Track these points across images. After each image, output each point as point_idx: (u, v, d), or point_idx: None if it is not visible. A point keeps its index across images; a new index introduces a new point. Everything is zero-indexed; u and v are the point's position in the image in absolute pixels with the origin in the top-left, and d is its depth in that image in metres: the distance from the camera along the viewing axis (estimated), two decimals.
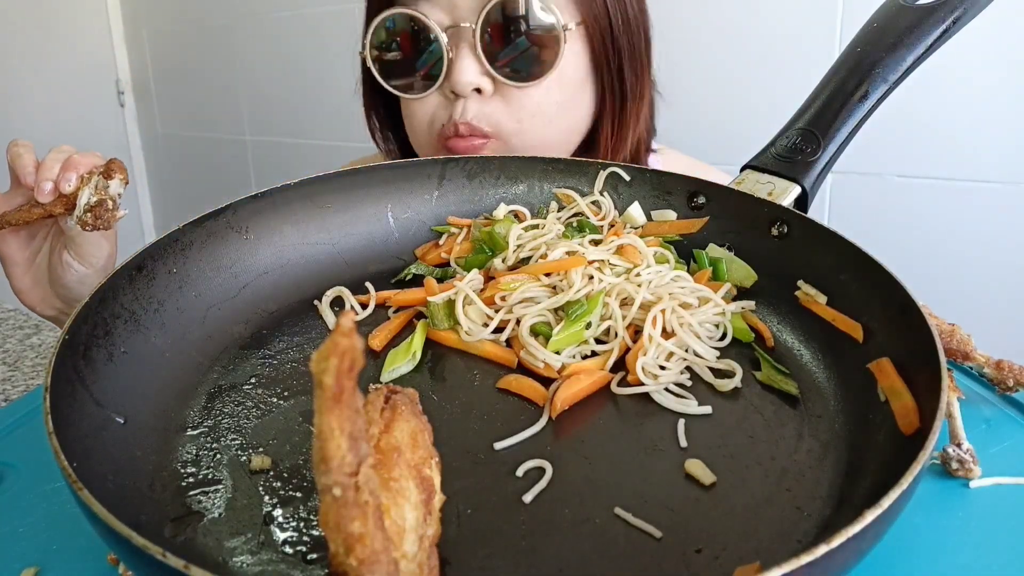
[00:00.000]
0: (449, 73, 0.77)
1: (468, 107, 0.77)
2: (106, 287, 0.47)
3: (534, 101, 0.78)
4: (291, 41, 2.15)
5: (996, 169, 1.24)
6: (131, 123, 2.79)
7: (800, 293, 0.53)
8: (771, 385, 0.48)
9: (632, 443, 0.44)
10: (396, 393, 0.39)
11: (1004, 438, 0.50)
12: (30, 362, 1.10)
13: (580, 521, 0.38)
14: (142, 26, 2.62)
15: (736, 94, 1.43)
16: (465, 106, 0.77)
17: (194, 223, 0.54)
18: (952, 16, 0.61)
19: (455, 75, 0.76)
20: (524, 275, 0.55)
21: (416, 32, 0.77)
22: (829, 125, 0.61)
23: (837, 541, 0.29)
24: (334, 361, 0.23)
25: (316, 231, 0.61)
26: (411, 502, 0.33)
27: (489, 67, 0.75)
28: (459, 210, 0.66)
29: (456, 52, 0.76)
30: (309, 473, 0.41)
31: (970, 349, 0.54)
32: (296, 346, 0.53)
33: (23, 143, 0.66)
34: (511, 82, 0.76)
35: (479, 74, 0.76)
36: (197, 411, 0.46)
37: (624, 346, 0.51)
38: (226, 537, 0.37)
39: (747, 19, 1.40)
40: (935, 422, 0.35)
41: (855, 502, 0.37)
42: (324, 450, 0.24)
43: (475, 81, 0.76)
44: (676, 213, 0.62)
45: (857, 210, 1.36)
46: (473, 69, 0.76)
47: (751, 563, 0.34)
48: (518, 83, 0.77)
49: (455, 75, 0.76)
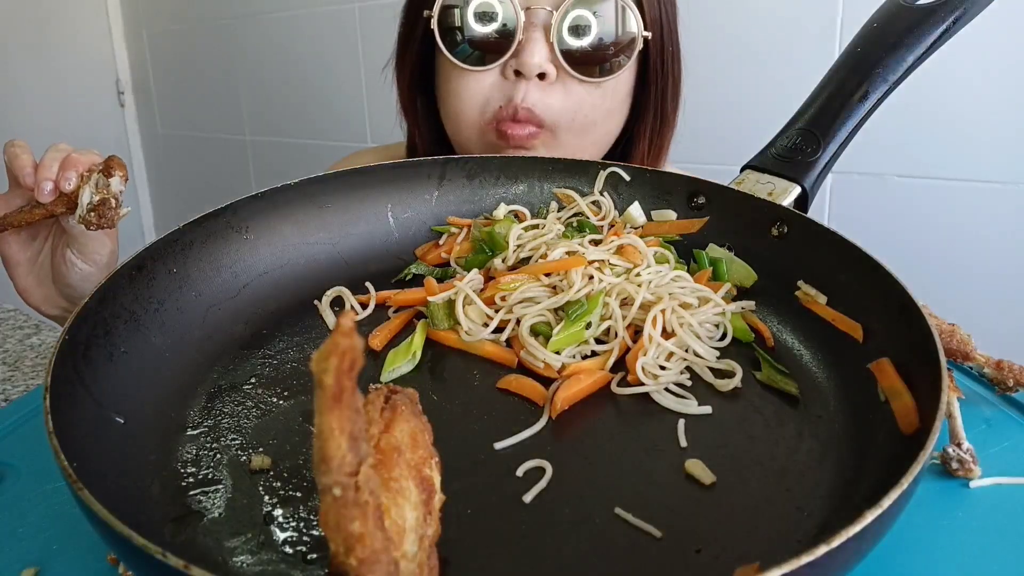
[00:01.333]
0: (518, 52, 0.75)
1: (530, 91, 0.76)
2: (106, 287, 0.47)
3: (592, 101, 0.78)
4: (291, 41, 2.15)
5: (996, 169, 1.24)
6: (131, 123, 2.79)
7: (800, 293, 0.53)
8: (771, 385, 0.48)
9: (632, 443, 0.44)
10: (396, 393, 0.39)
11: (1004, 438, 0.50)
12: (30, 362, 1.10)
13: (580, 521, 0.38)
14: (142, 26, 2.62)
15: (736, 94, 1.42)
16: (528, 89, 0.76)
17: (194, 223, 0.54)
18: (952, 16, 0.61)
19: (524, 55, 0.75)
20: (524, 275, 0.55)
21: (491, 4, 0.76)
22: (829, 125, 0.61)
23: (837, 541, 0.29)
24: (334, 361, 0.23)
25: (316, 231, 0.61)
26: (411, 502, 0.33)
27: (559, 55, 0.75)
28: (459, 210, 0.66)
29: (528, 33, 0.75)
30: (309, 473, 0.41)
31: (970, 349, 0.54)
32: (296, 346, 0.53)
33: (19, 143, 0.66)
34: (578, 75, 0.76)
35: (547, 59, 0.75)
36: (197, 411, 0.46)
37: (624, 346, 0.51)
38: (226, 537, 0.37)
39: (747, 19, 1.40)
40: (935, 422, 0.35)
41: (855, 502, 0.37)
42: (324, 450, 0.24)
43: (543, 65, 0.75)
44: (676, 213, 0.62)
45: (857, 210, 1.36)
46: (543, 52, 0.75)
47: (751, 563, 0.34)
48: (584, 78, 0.76)
49: (524, 55, 0.75)
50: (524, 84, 0.76)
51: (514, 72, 0.76)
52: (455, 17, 0.78)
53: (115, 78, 2.71)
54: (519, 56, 0.75)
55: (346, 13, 1.97)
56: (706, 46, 1.44)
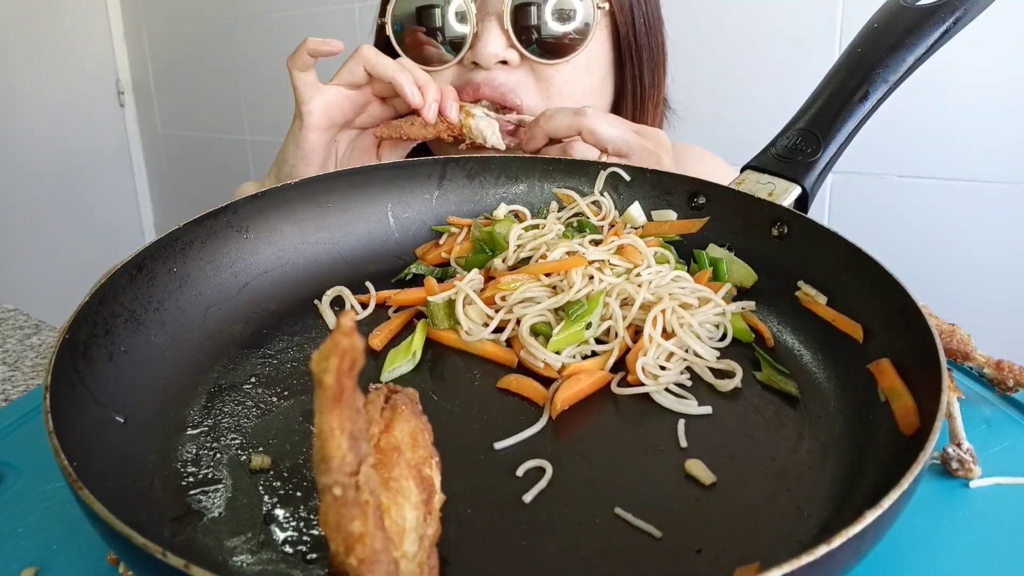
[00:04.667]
0: (473, 45, 0.76)
1: (495, 75, 0.76)
2: (106, 286, 0.47)
3: (562, 79, 0.78)
4: (291, 41, 2.14)
5: (996, 169, 1.24)
6: (131, 123, 2.79)
7: (800, 293, 0.53)
8: (771, 385, 0.48)
9: (632, 443, 0.44)
10: (396, 393, 0.39)
11: (1004, 438, 0.50)
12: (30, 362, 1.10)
13: (580, 521, 0.38)
14: (142, 26, 2.62)
15: (736, 95, 1.43)
16: (491, 75, 0.76)
17: (194, 222, 0.54)
18: (952, 17, 0.61)
19: (480, 47, 0.75)
20: (524, 275, 0.55)
21: (441, 2, 0.76)
22: (829, 125, 0.61)
23: (837, 541, 0.29)
24: (335, 360, 0.23)
25: (316, 230, 0.61)
26: (411, 502, 0.33)
27: (516, 41, 0.75)
28: (459, 210, 0.66)
29: (482, 24, 0.75)
30: (309, 472, 0.41)
31: (970, 349, 0.54)
32: (296, 345, 0.53)
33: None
34: (537, 58, 0.76)
35: (505, 47, 0.75)
36: (197, 410, 0.46)
37: (624, 346, 0.50)
38: (226, 537, 0.37)
39: (747, 20, 1.40)
40: (935, 422, 0.35)
41: (855, 502, 0.37)
42: (324, 449, 0.24)
43: (500, 53, 0.75)
44: (676, 213, 0.62)
45: (857, 210, 1.36)
46: (499, 42, 0.75)
47: (751, 563, 0.34)
48: (546, 60, 0.76)
49: (480, 47, 0.75)
50: (484, 73, 0.76)
51: (472, 63, 0.76)
52: (410, 19, 0.79)
53: (115, 78, 2.71)
54: (474, 48, 0.76)
55: (346, 13, 1.97)
56: (706, 46, 1.44)
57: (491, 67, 0.76)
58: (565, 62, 0.77)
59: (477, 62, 0.76)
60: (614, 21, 0.80)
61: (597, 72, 0.80)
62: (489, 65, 0.75)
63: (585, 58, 0.78)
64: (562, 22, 0.76)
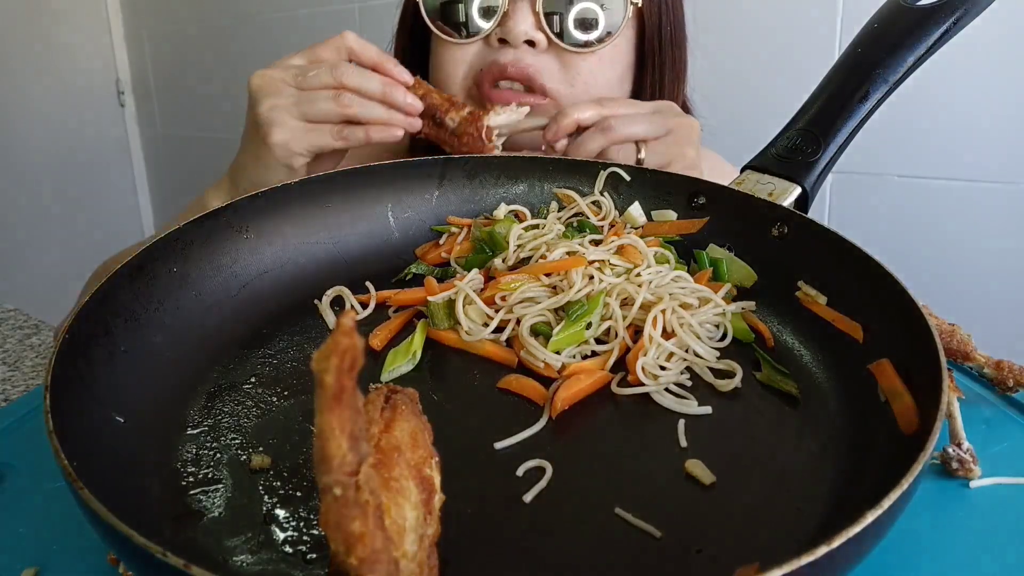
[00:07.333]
0: (503, 21, 0.76)
1: (523, 55, 0.76)
2: (106, 286, 0.47)
3: (588, 68, 0.78)
4: (291, 41, 2.15)
5: (996, 169, 1.24)
6: (131, 123, 2.79)
7: (800, 293, 0.53)
8: (771, 385, 0.48)
9: (632, 443, 0.44)
10: (396, 393, 0.39)
11: (1004, 438, 0.50)
12: (30, 362, 1.10)
13: (580, 521, 0.38)
14: (142, 26, 2.62)
15: (736, 95, 1.42)
16: (517, 55, 0.76)
17: (194, 223, 0.54)
18: (952, 17, 0.61)
19: (508, 23, 0.75)
20: (524, 275, 0.55)
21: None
22: (829, 126, 0.61)
23: (837, 541, 0.29)
24: (335, 360, 0.23)
25: (316, 230, 0.61)
26: (411, 502, 0.33)
27: (544, 23, 0.75)
28: (459, 210, 0.66)
29: (514, 5, 0.75)
30: (309, 472, 0.41)
31: (970, 349, 0.54)
32: (296, 345, 0.53)
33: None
34: (565, 44, 0.76)
35: (534, 27, 0.75)
36: (197, 410, 0.46)
37: (624, 346, 0.50)
38: (226, 536, 0.37)
39: (747, 20, 1.40)
40: (935, 422, 0.35)
41: (855, 502, 0.37)
42: (324, 449, 0.24)
43: (529, 32, 0.75)
44: (676, 213, 0.62)
45: (857, 210, 1.36)
46: (529, 20, 0.75)
47: (751, 563, 0.34)
48: (573, 47, 0.76)
49: (508, 23, 0.75)
50: (511, 51, 0.76)
51: (499, 40, 0.76)
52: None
53: (115, 78, 2.71)
54: (504, 24, 0.76)
55: (346, 13, 1.97)
56: (706, 47, 1.44)
57: (519, 45, 0.76)
58: (592, 52, 0.77)
59: (505, 39, 0.76)
60: (641, 22, 0.81)
61: (619, 68, 0.81)
62: (517, 43, 0.75)
63: (611, 51, 0.78)
64: (593, 12, 0.76)
